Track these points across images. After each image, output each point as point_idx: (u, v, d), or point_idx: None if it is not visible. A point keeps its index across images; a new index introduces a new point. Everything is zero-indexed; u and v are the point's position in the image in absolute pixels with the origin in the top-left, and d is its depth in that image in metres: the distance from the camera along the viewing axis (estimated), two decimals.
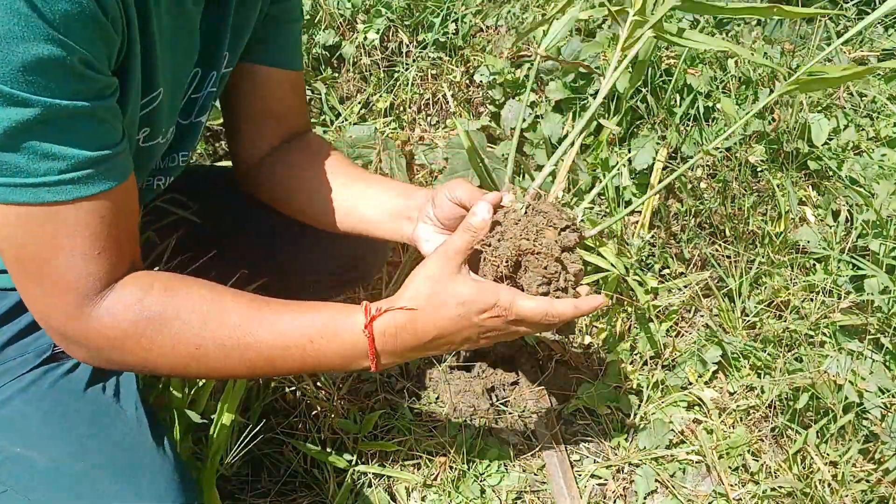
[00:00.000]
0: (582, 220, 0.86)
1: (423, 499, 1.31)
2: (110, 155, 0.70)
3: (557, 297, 0.83)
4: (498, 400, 1.47)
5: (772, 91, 1.77)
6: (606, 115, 1.81)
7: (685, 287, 1.60)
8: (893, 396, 1.26)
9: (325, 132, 1.92)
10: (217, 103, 1.03)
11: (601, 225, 0.91)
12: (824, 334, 1.38)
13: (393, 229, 0.99)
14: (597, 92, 1.81)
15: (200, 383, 1.09)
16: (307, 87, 1.97)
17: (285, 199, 1.07)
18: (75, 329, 0.74)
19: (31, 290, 0.73)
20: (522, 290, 0.82)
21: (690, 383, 1.45)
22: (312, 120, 1.94)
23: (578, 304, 0.81)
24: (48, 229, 0.69)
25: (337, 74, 2.05)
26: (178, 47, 0.82)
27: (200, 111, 0.97)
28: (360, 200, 1.01)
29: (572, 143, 0.91)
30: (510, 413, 1.44)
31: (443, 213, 0.93)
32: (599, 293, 0.86)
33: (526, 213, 0.84)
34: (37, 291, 0.73)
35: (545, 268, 0.82)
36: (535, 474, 1.35)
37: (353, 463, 1.32)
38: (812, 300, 1.45)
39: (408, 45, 2.03)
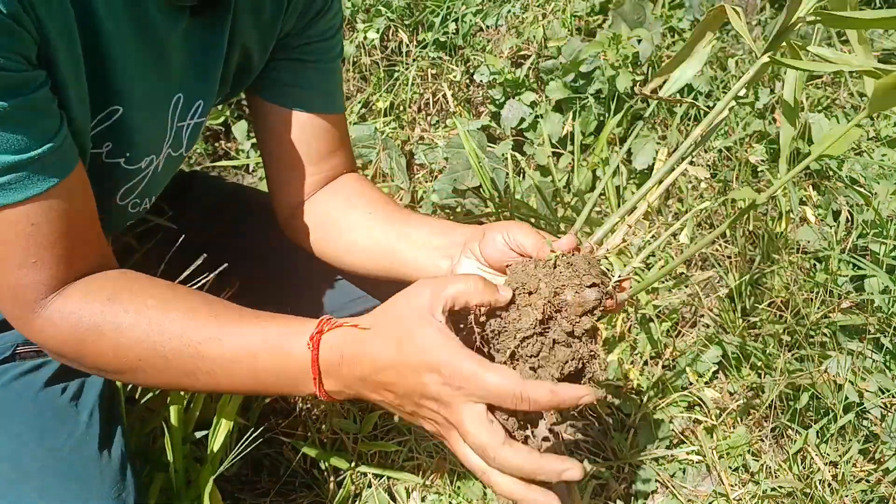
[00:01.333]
0: (616, 280, 0.70)
1: (422, 499, 1.31)
2: (37, 156, 0.64)
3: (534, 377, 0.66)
4: None
5: (772, 91, 1.77)
6: (607, 115, 1.81)
7: (686, 287, 1.60)
8: (893, 396, 1.26)
9: None
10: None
11: (643, 285, 0.75)
12: (824, 334, 1.38)
13: (429, 269, 0.88)
14: (598, 91, 1.80)
15: None
16: None
17: (318, 248, 1.01)
18: (28, 334, 0.74)
19: None
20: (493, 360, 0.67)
21: (691, 383, 1.45)
22: None
23: (557, 388, 0.63)
24: None
25: None
26: (145, 63, 0.76)
27: (189, 143, 0.92)
28: (396, 242, 0.93)
29: (658, 184, 0.73)
30: None
31: (493, 256, 0.80)
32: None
33: (556, 264, 0.70)
34: None
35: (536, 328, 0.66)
36: None
37: (353, 463, 1.32)
38: (812, 300, 1.45)
39: (408, 45, 2.03)
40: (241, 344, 0.72)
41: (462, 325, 0.69)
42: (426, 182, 1.86)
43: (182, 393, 1.05)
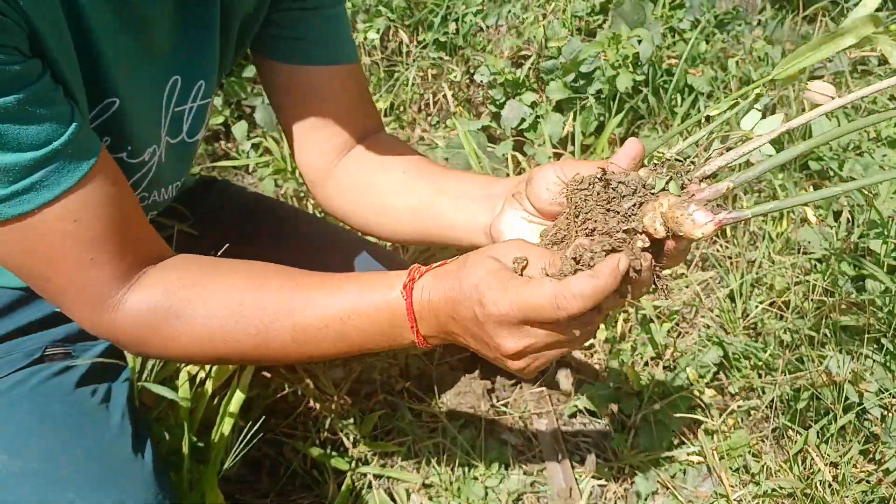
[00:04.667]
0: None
1: (422, 500, 1.31)
2: (61, 146, 0.62)
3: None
4: (498, 401, 1.47)
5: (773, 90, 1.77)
6: (608, 115, 1.81)
7: (686, 287, 1.60)
8: (893, 396, 1.26)
9: None
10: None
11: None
12: (824, 334, 1.38)
13: (468, 223, 0.83)
14: (598, 92, 1.80)
15: (199, 377, 1.09)
16: None
17: (353, 212, 0.96)
18: (101, 331, 0.72)
19: (50, 301, 0.71)
20: None
21: (691, 384, 1.45)
22: None
23: (594, 271, 0.60)
24: (28, 245, 0.65)
25: None
26: (135, 50, 0.74)
27: (192, 128, 0.88)
28: (435, 199, 0.87)
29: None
30: (510, 414, 1.44)
31: (544, 199, 0.73)
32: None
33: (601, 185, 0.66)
34: (55, 303, 0.71)
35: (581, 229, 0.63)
36: (536, 476, 1.35)
37: (353, 464, 1.31)
38: (812, 300, 1.45)
39: (408, 45, 2.03)
40: (335, 305, 0.71)
41: None
42: None
43: (188, 395, 1.05)
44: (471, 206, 0.84)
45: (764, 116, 0.67)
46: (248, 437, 1.08)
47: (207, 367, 1.11)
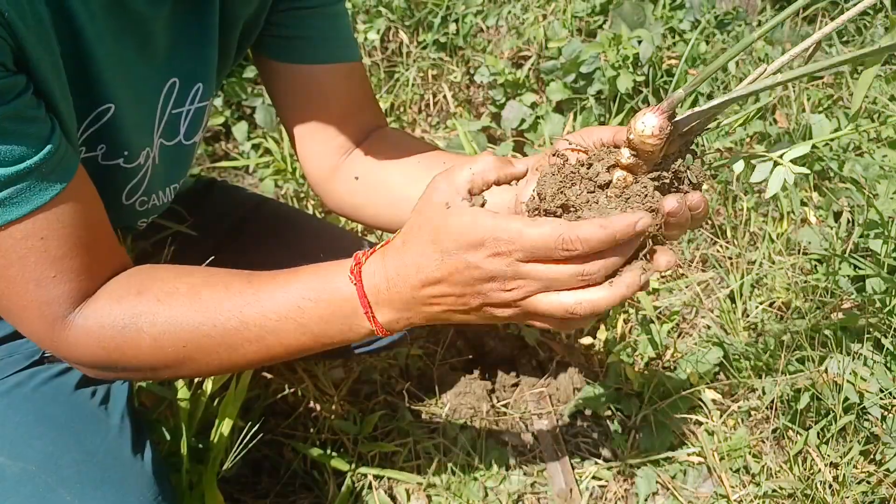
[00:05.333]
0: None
1: (423, 500, 1.30)
2: (34, 165, 0.61)
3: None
4: (498, 401, 1.47)
5: (772, 93, 1.77)
6: (608, 115, 1.81)
7: (686, 287, 1.60)
8: (893, 397, 1.26)
9: None
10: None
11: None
12: (825, 335, 1.38)
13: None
14: (598, 92, 1.80)
15: (197, 378, 1.09)
16: None
17: (362, 206, 0.96)
18: (58, 350, 0.71)
19: (7, 319, 0.70)
20: None
21: (691, 384, 1.45)
22: None
23: (605, 220, 0.59)
24: None
25: None
26: (130, 54, 0.73)
27: (189, 131, 0.87)
28: None
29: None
30: (511, 414, 1.44)
31: None
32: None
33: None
34: (11, 321, 0.70)
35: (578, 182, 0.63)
36: (536, 476, 1.35)
37: (353, 465, 1.31)
38: (812, 300, 1.45)
39: (408, 46, 2.03)
40: (283, 300, 0.69)
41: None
42: None
43: (186, 397, 1.05)
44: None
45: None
46: (248, 437, 1.07)
47: None
